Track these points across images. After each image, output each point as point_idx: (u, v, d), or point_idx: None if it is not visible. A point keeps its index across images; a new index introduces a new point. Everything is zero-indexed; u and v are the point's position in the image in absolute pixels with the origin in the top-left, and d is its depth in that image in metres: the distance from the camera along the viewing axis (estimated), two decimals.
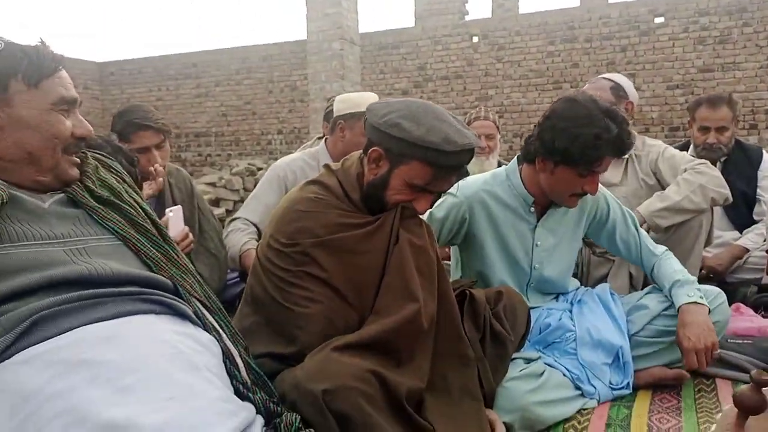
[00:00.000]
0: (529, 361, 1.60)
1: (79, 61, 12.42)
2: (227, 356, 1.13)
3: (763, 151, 2.88)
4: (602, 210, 1.89)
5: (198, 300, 1.19)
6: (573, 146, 1.58)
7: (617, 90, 2.47)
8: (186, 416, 0.87)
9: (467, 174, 1.95)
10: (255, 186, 6.10)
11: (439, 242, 1.81)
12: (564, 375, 1.63)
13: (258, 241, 2.39)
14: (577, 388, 1.63)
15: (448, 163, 1.29)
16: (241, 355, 1.16)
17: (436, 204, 1.81)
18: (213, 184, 5.57)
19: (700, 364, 1.63)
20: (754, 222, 2.73)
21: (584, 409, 1.62)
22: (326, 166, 1.47)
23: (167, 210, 2.08)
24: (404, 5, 16.03)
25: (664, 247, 1.92)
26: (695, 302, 1.68)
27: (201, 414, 0.89)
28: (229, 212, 5.48)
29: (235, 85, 11.88)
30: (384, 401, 1.15)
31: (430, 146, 1.26)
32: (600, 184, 1.94)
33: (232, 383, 1.10)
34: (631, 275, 2.30)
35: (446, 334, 1.39)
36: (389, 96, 10.67)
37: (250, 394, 1.10)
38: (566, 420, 1.56)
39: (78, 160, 1.21)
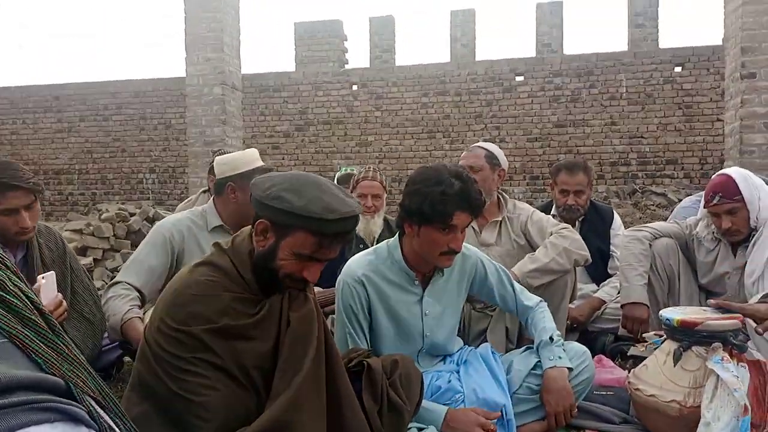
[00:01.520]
0: (421, 429, 1.68)
1: None
2: None
3: (614, 211, 3.27)
4: (480, 272, 2.05)
5: (91, 397, 1.12)
6: (425, 205, 1.73)
7: (491, 158, 2.70)
8: None
9: (353, 240, 2.01)
10: (127, 234, 5.71)
11: (368, 338, 1.89)
12: None
13: (141, 307, 2.27)
14: None
15: (332, 231, 1.32)
16: None
17: (336, 299, 1.88)
18: (80, 231, 5.16)
19: (559, 424, 1.84)
20: (609, 276, 3.07)
21: None
22: (216, 244, 1.46)
23: (39, 277, 1.93)
24: (285, 51, 16.18)
25: (538, 298, 2.11)
26: (556, 366, 1.86)
27: None
28: (97, 261, 5.11)
29: (103, 120, 11.23)
30: None
31: (312, 216, 1.29)
32: (476, 249, 2.11)
33: None
34: (507, 329, 2.49)
35: (342, 404, 1.42)
36: (271, 138, 10.66)
37: None
38: None
39: None
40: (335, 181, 4.77)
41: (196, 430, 1.24)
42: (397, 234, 1.96)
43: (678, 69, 9.67)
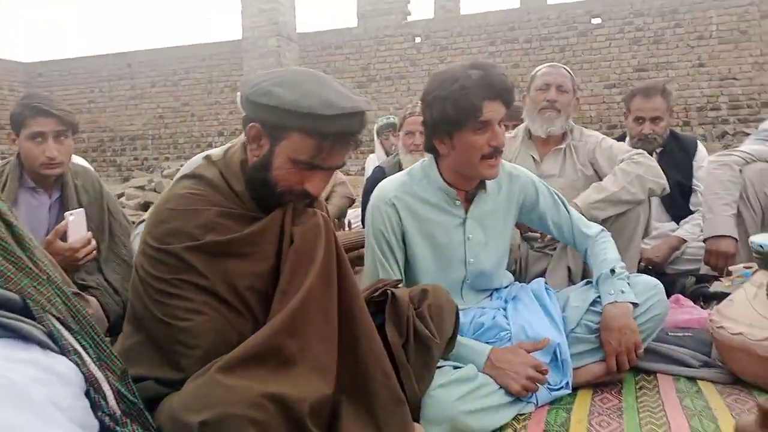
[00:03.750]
0: (457, 367, 1.47)
1: (4, 61, 11.73)
2: (91, 384, 0.94)
3: (698, 142, 2.87)
4: (530, 195, 1.80)
5: (56, 317, 0.99)
6: (447, 107, 1.54)
7: (574, 81, 2.44)
8: None
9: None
10: None
11: (402, 267, 1.71)
12: None
13: None
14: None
15: (331, 130, 1.13)
16: (109, 382, 0.97)
17: (366, 226, 1.71)
18: (142, 188, 5.25)
19: (621, 366, 1.59)
20: (691, 212, 2.71)
21: (521, 415, 1.49)
22: (206, 156, 1.29)
23: (67, 213, 1.88)
24: (347, 5, 15.89)
25: (599, 227, 1.84)
26: (617, 301, 1.61)
27: None
28: None
29: (172, 86, 11.47)
30: (285, 426, 0.99)
31: (307, 111, 1.10)
32: (526, 169, 1.85)
33: (96, 416, 0.92)
34: (569, 269, 2.22)
35: (357, 332, 1.23)
36: None
37: (119, 428, 0.92)
38: (501, 428, 1.43)
39: None
40: (375, 132, 4.61)
41: (182, 358, 1.10)
42: (431, 155, 1.74)
43: None
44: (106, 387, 0.95)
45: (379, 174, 2.97)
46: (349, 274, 1.27)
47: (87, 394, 0.94)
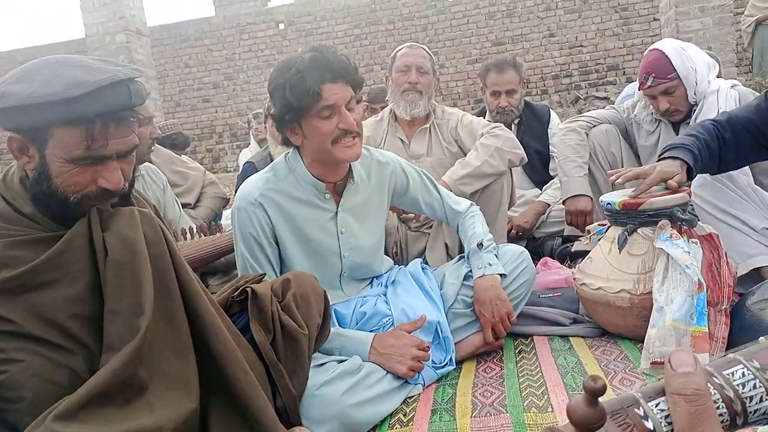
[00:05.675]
0: (342, 361, 1.45)
1: None
2: None
3: (550, 110, 3.06)
4: (401, 180, 1.81)
5: None
6: (287, 95, 1.49)
7: (433, 62, 2.48)
8: None
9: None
10: None
11: (276, 267, 1.64)
12: None
13: None
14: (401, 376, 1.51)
15: (93, 110, 0.99)
16: None
17: (233, 229, 1.62)
18: None
19: (498, 335, 1.67)
20: (551, 177, 2.88)
21: (410, 398, 1.51)
22: None
23: None
24: None
25: (468, 202, 1.89)
26: (485, 275, 1.67)
27: None
28: None
29: None
30: None
31: (52, 99, 0.97)
32: (393, 154, 1.86)
33: None
34: (446, 245, 2.28)
35: (206, 335, 1.14)
36: (200, 91, 10.03)
37: None
38: (391, 415, 1.43)
39: None
40: (247, 126, 4.43)
41: (9, 415, 0.96)
42: (295, 149, 1.68)
43: None
44: None
45: (250, 170, 2.87)
46: (185, 273, 1.15)
47: None
